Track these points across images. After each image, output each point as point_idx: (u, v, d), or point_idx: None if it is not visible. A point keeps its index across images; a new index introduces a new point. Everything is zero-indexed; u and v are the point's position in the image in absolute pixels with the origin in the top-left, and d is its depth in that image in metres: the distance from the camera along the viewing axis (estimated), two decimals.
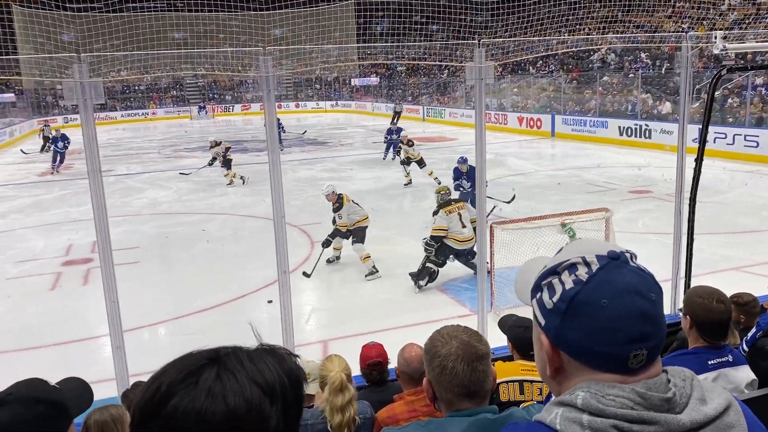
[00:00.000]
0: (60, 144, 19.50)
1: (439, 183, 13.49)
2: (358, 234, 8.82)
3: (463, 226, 8.03)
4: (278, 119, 22.64)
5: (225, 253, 9.92)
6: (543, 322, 0.92)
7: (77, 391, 1.63)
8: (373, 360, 3.30)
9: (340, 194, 9.01)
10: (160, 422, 0.70)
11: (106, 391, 4.13)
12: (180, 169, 18.76)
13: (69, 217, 12.90)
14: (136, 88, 44.08)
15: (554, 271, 0.92)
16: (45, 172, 19.52)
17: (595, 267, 0.89)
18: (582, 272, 0.89)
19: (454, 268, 8.53)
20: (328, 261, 9.15)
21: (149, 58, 6.73)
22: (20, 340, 6.87)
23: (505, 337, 3.32)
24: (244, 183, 15.95)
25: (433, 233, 8.12)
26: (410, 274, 8.12)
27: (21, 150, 22.99)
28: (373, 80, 44.55)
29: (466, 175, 11.25)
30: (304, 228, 10.97)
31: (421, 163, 15.68)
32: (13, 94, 38.50)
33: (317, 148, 23.84)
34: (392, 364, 3.29)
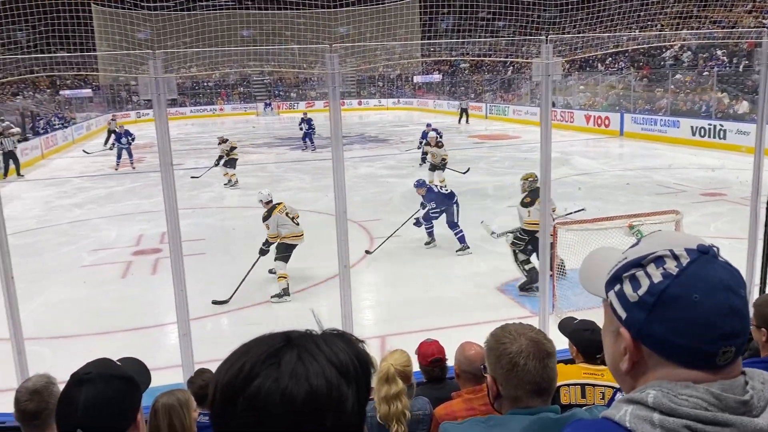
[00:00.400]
0: (123, 140, 19.75)
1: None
2: (281, 249, 8.11)
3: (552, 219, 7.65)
4: (310, 119, 22.93)
5: None
6: (624, 316, 0.89)
7: (137, 369, 1.71)
8: (435, 357, 3.30)
9: (274, 203, 8.43)
10: (244, 402, 0.72)
11: (171, 377, 4.30)
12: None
13: (140, 208, 13.41)
14: (206, 84, 45.38)
15: (638, 263, 0.89)
16: (119, 165, 20.33)
17: (685, 261, 0.87)
18: (671, 265, 0.87)
19: (515, 268, 8.41)
20: (270, 271, 8.52)
21: (218, 55, 6.93)
22: (94, 325, 7.21)
23: (564, 339, 3.25)
24: (233, 185, 15.85)
25: (528, 227, 7.47)
26: (519, 287, 7.71)
27: (83, 150, 23.78)
28: (436, 77, 44.38)
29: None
30: (363, 224, 11.05)
31: (444, 165, 14.66)
32: (90, 90, 40.33)
33: (378, 146, 23.94)
34: (449, 362, 3.29)
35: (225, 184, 15.98)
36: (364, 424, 0.80)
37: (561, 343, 3.44)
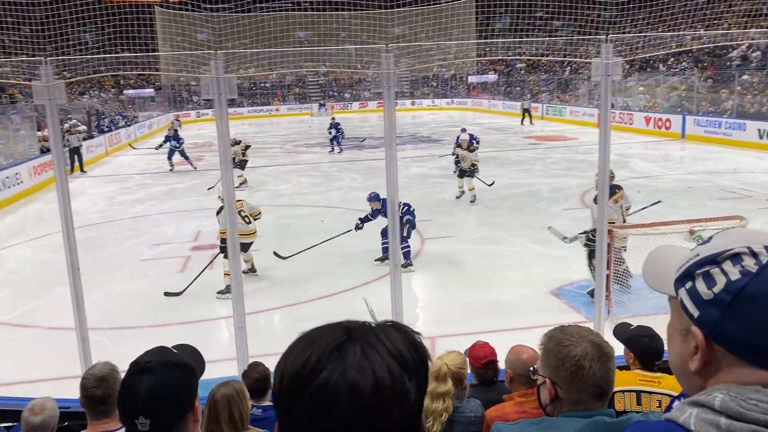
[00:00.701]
0: (172, 142, 19.69)
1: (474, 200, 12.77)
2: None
3: (623, 220, 7.19)
4: (338, 123, 23.09)
5: (339, 245, 10.18)
6: (696, 314, 0.87)
7: (193, 356, 1.76)
8: (488, 359, 3.28)
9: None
10: (311, 394, 0.73)
11: (225, 369, 4.40)
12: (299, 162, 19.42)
13: (198, 205, 13.77)
14: (263, 85, 46.21)
15: (713, 260, 0.87)
16: (179, 163, 20.90)
17: (765, 258, 0.83)
18: (749, 263, 0.84)
19: (572, 272, 8.27)
20: (243, 271, 8.24)
21: (276, 55, 7.06)
22: (152, 317, 7.45)
23: (617, 345, 3.18)
24: (239, 186, 15.51)
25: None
26: (589, 293, 7.21)
27: (131, 146, 24.33)
28: (491, 77, 43.98)
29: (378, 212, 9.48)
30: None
31: (473, 172, 13.33)
32: (152, 90, 41.64)
33: (431, 146, 23.88)
34: (500, 364, 3.26)
35: (236, 187, 15.91)
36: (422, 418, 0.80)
37: (616, 349, 3.37)
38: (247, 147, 16.49)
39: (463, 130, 15.17)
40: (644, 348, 2.94)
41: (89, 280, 6.92)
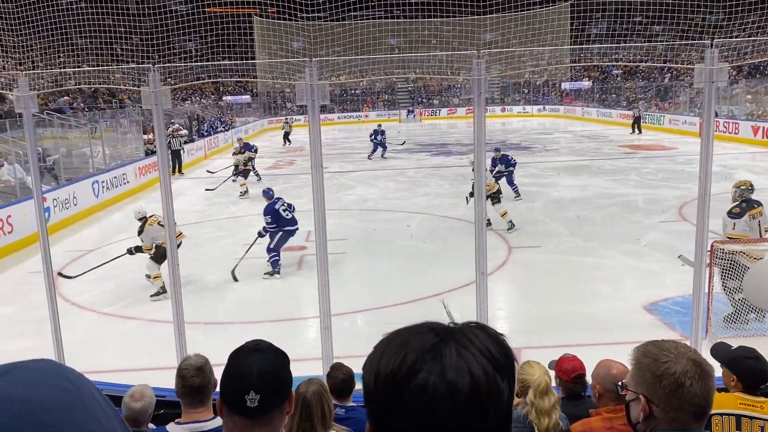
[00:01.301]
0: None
1: (511, 227, 11.07)
2: (158, 252, 8.16)
3: (763, 238, 6.39)
4: (383, 131, 23.07)
5: (424, 251, 10.21)
6: None
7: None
8: (578, 373, 3.19)
9: (145, 217, 8.56)
10: (409, 394, 0.73)
11: (309, 369, 4.50)
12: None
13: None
14: (353, 91, 47.03)
15: None
16: (272, 166, 21.58)
17: None
18: None
19: (666, 287, 7.90)
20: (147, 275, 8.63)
21: (367, 62, 7.17)
22: (242, 314, 7.74)
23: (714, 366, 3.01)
24: (243, 195, 15.55)
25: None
26: (725, 319, 6.50)
27: (207, 170, 20.72)
28: (585, 84, 42.74)
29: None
30: (501, 232, 10.89)
31: (492, 198, 11.21)
32: (249, 96, 43.28)
33: (520, 153, 23.46)
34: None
35: (240, 195, 15.68)
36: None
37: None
38: (250, 159, 16.51)
39: (497, 150, 14.41)
40: (749, 370, 2.76)
41: (186, 276, 7.29)
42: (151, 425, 3.33)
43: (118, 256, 9.05)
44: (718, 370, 3.19)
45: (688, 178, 16.05)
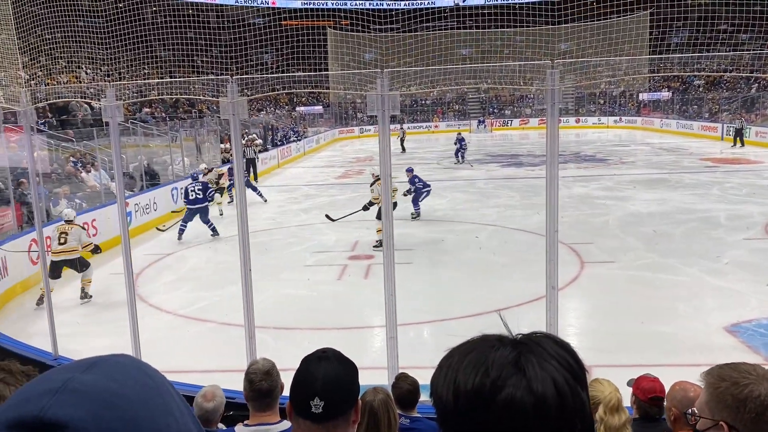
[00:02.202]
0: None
1: (377, 246, 10.69)
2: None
3: None
4: (463, 138, 23.14)
5: (493, 263, 10.08)
6: None
7: None
8: (657, 394, 3.07)
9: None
10: (497, 411, 0.72)
11: (374, 378, 4.52)
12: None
13: (357, 216, 14.31)
14: (423, 101, 47.16)
15: None
16: (341, 176, 21.88)
17: None
18: None
19: (750, 308, 7.49)
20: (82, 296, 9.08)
21: (438, 73, 7.17)
22: (310, 320, 7.86)
23: None
24: (221, 214, 14.71)
25: None
26: None
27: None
28: (664, 94, 41.25)
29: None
30: (573, 246, 10.62)
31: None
32: (321, 107, 44.13)
33: (595, 165, 22.87)
34: None
35: (220, 214, 14.64)
36: None
37: None
38: (220, 175, 15.91)
39: (409, 170, 14.47)
40: None
41: (258, 281, 7.45)
42: (220, 425, 3.42)
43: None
44: None
45: None
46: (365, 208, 11.71)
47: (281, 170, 25.39)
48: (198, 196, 12.58)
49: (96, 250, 9.50)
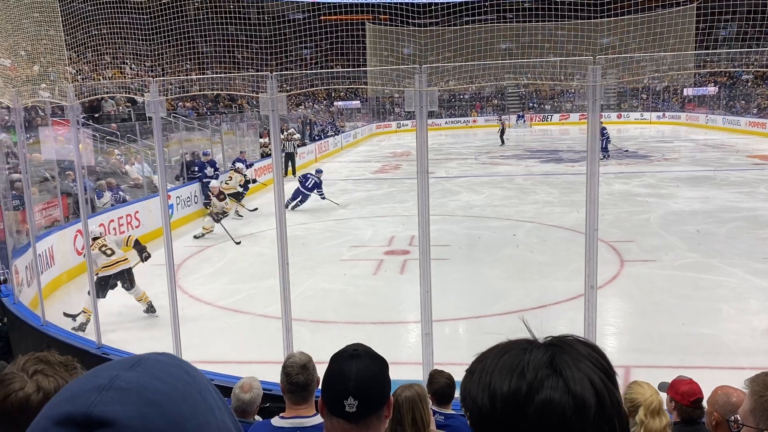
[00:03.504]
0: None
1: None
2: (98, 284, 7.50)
3: None
4: (604, 128, 21.98)
5: (531, 261, 9.97)
6: None
7: None
8: (697, 397, 3.01)
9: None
10: (535, 413, 0.71)
11: (409, 373, 4.53)
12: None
13: (393, 212, 14.33)
14: (461, 96, 46.84)
15: None
16: (378, 170, 21.89)
17: None
18: None
19: None
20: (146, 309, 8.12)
21: (477, 68, 7.11)
22: (346, 314, 7.92)
23: None
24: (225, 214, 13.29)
25: None
26: None
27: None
28: (711, 90, 40.10)
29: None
30: (613, 244, 10.43)
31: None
32: (359, 102, 44.22)
33: (637, 162, 22.39)
34: None
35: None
36: None
37: None
38: (248, 182, 15.28)
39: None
40: None
41: (295, 275, 7.53)
42: (257, 417, 3.48)
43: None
44: None
45: None
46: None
47: (319, 165, 25.55)
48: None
49: (138, 246, 8.41)
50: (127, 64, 29.67)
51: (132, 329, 7.63)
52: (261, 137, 22.27)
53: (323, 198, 15.18)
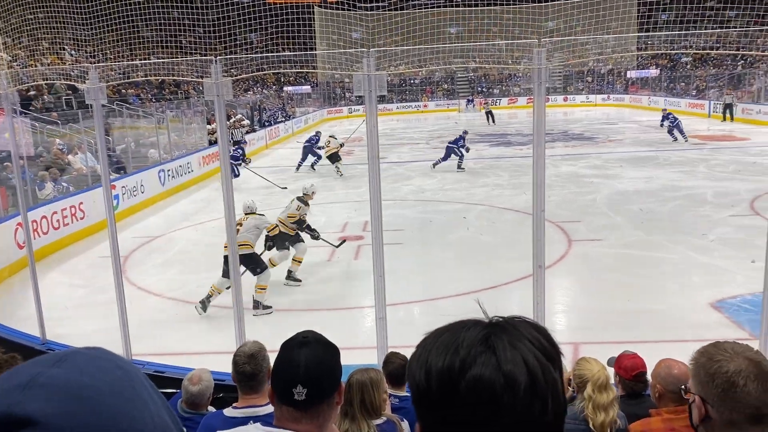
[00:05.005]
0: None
1: None
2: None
3: None
4: (669, 113, 21.33)
5: (482, 243, 10.12)
6: None
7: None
8: (639, 371, 3.11)
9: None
10: (466, 390, 0.72)
11: (365, 358, 4.55)
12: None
13: (348, 197, 14.29)
14: (412, 81, 46.90)
15: None
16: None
17: None
18: None
19: (736, 284, 7.59)
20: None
21: (426, 52, 7.12)
22: (301, 301, 7.88)
23: None
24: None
25: None
26: None
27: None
28: (653, 72, 41.27)
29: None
30: (561, 225, 10.67)
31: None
32: (309, 87, 43.79)
33: (582, 144, 22.91)
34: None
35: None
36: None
37: None
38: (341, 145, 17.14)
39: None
40: None
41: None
42: (210, 408, 3.43)
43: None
44: None
45: (761, 171, 15.33)
46: (315, 237, 9.21)
47: (269, 151, 25.24)
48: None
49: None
50: (66, 50, 28.58)
51: (79, 323, 7.42)
52: (208, 123, 21.82)
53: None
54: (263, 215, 8.27)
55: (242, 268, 6.90)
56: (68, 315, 7.66)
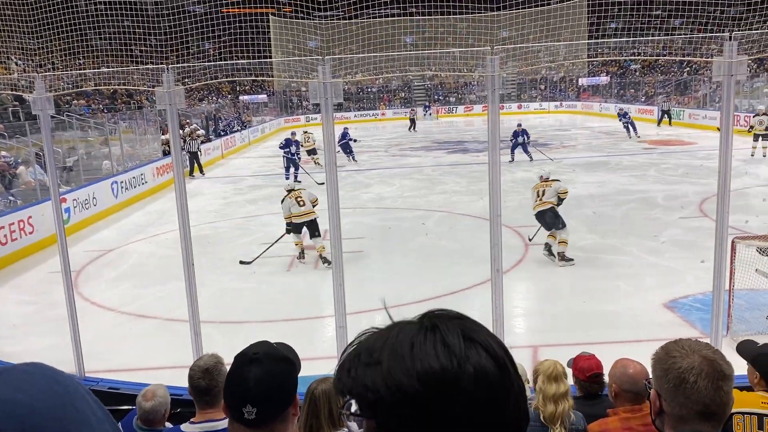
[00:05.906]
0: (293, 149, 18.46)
1: None
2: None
3: None
4: (626, 113, 22.31)
5: (441, 249, 10.18)
6: None
7: (291, 354, 1.81)
8: (594, 372, 3.15)
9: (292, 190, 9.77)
10: (468, 383, 0.72)
11: (326, 367, 4.50)
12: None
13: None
14: (369, 89, 47.02)
15: None
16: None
17: None
18: None
19: (686, 284, 7.81)
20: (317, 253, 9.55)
21: (382, 60, 7.15)
22: (260, 312, 7.77)
23: (740, 365, 2.95)
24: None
25: None
26: None
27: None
28: (603, 79, 42.32)
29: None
30: (518, 229, 10.82)
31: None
32: (265, 95, 43.47)
33: (536, 150, 23.30)
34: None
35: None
36: None
37: (737, 368, 3.12)
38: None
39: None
40: None
41: (203, 276, 7.31)
42: (168, 424, 3.35)
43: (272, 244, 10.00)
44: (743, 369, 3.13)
45: (708, 174, 15.85)
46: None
47: (225, 161, 24.93)
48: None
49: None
50: (12, 59, 27.72)
51: (29, 340, 7.16)
52: (163, 134, 21.44)
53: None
54: (305, 189, 10.09)
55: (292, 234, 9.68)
56: (17, 332, 7.39)
